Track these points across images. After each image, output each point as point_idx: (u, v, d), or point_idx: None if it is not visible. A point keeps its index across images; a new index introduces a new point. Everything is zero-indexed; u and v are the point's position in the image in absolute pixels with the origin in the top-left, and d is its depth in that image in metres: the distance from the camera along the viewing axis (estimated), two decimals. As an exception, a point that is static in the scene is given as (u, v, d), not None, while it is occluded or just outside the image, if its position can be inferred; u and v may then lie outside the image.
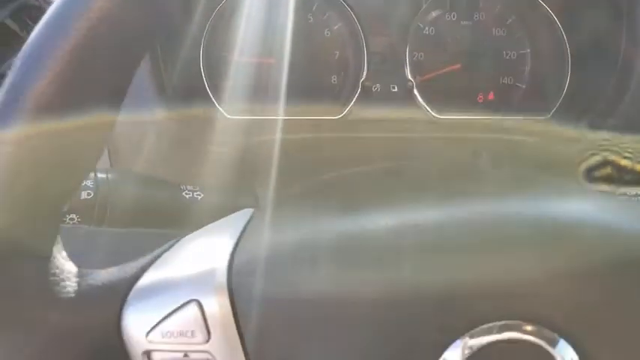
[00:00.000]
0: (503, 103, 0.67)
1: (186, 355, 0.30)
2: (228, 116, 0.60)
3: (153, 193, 0.48)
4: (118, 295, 0.31)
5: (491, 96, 0.67)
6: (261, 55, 0.62)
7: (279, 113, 0.59)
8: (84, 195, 0.44)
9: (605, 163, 0.33)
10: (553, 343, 0.28)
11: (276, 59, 0.62)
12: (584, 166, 0.33)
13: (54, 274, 0.30)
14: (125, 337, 0.31)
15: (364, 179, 0.42)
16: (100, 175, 0.45)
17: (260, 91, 0.62)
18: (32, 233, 0.30)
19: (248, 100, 0.61)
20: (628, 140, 0.37)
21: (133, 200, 0.46)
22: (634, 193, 0.33)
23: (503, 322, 0.28)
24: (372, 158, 0.57)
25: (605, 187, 0.33)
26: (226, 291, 0.30)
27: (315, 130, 0.61)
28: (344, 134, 0.61)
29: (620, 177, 0.33)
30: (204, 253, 0.32)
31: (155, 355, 0.31)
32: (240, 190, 0.50)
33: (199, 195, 0.49)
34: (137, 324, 0.31)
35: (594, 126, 0.60)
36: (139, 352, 0.31)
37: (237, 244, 0.32)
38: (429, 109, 0.62)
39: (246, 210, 0.36)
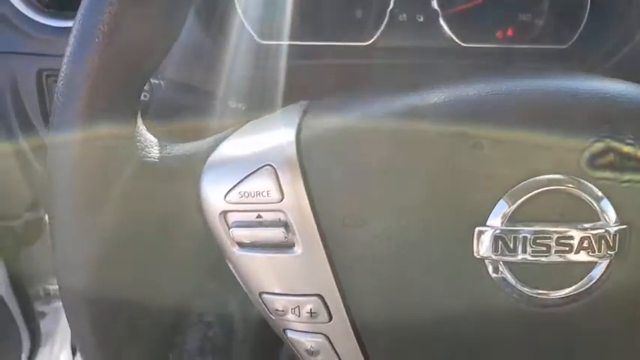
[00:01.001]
0: (521, 40, 0.69)
1: (259, 216, 0.33)
2: (261, 41, 0.63)
3: (200, 99, 0.50)
4: (196, 162, 0.34)
5: (509, 32, 0.69)
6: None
7: (309, 39, 0.62)
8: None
9: (607, 149, 0.33)
10: (597, 200, 0.31)
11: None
12: (586, 153, 0.32)
13: (139, 141, 0.33)
14: (203, 200, 0.34)
15: None
16: (154, 81, 0.48)
17: (289, 19, 0.64)
18: (119, 105, 0.33)
19: (279, 27, 0.63)
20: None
21: (183, 105, 0.49)
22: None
23: (547, 176, 0.31)
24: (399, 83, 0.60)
25: (608, 174, 0.32)
26: (296, 160, 0.33)
27: (344, 56, 0.64)
28: (372, 60, 0.63)
29: (623, 164, 0.33)
30: (272, 131, 0.36)
31: (231, 216, 0.34)
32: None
33: (243, 106, 0.52)
34: (215, 187, 0.34)
35: (607, 57, 0.63)
36: (215, 213, 0.34)
37: (300, 124, 0.35)
38: (454, 38, 0.65)
39: (301, 102, 0.39)
